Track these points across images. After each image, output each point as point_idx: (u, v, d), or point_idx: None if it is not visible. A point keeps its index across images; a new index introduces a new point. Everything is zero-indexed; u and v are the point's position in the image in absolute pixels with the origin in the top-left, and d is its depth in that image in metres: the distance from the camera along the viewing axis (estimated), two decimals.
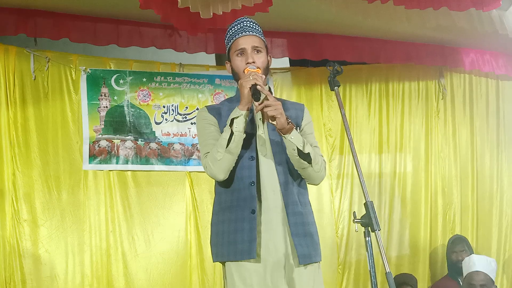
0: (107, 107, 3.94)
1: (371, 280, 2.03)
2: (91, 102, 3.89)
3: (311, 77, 4.56)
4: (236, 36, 2.31)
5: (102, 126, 3.91)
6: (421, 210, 4.76)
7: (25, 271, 3.59)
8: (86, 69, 3.89)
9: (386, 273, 1.95)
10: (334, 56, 4.26)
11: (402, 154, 4.77)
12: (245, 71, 2.24)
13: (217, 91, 4.22)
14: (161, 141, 4.04)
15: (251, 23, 2.35)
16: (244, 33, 2.31)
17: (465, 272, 3.98)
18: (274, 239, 2.23)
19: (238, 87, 2.31)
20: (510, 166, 5.20)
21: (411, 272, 4.60)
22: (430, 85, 4.94)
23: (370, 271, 2.02)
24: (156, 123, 4.05)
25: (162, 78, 4.10)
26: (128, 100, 4.00)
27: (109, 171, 3.90)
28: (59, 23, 3.67)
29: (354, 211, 2.08)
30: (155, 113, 4.06)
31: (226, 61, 2.41)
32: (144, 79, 4.05)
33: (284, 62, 4.89)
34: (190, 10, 2.99)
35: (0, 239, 3.56)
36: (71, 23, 3.71)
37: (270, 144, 2.29)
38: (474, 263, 3.93)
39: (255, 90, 2.12)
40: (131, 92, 4.01)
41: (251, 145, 2.27)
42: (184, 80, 4.15)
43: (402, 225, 4.70)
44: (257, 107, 2.14)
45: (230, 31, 2.35)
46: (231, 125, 2.17)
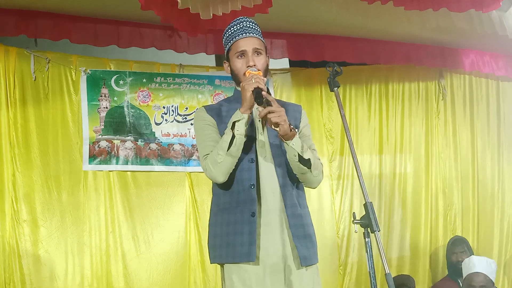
0: (107, 108, 3.94)
1: (371, 281, 2.03)
2: (91, 103, 3.89)
3: (311, 78, 4.55)
4: (236, 38, 2.28)
5: (102, 127, 3.91)
6: (422, 211, 4.76)
7: (25, 272, 3.59)
8: (86, 70, 3.89)
9: (386, 274, 1.95)
10: (334, 57, 4.26)
11: (403, 155, 4.76)
12: (247, 74, 2.21)
13: (217, 92, 4.23)
14: (161, 142, 4.04)
15: (251, 24, 2.32)
16: (245, 35, 2.28)
17: (465, 273, 3.99)
18: (274, 241, 2.22)
19: (240, 89, 2.31)
20: (511, 167, 5.20)
21: (412, 273, 4.60)
22: (430, 86, 4.94)
23: (370, 272, 2.02)
24: (156, 124, 4.05)
25: (162, 79, 4.10)
26: (128, 101, 4.00)
27: (109, 172, 3.89)
28: (60, 24, 3.67)
29: (354, 212, 2.08)
30: (155, 114, 4.06)
31: (225, 61, 2.39)
32: (144, 80, 4.05)
33: (284, 63, 4.89)
34: (190, 11, 2.99)
35: (0, 240, 3.55)
36: (72, 24, 3.71)
37: (270, 147, 2.28)
38: (474, 264, 3.94)
39: (258, 94, 2.10)
40: (131, 93, 4.01)
41: (251, 148, 2.25)
42: (184, 81, 4.15)
43: (403, 226, 4.69)
44: (261, 113, 2.12)
45: (229, 31, 2.32)
46: (233, 128, 2.15)
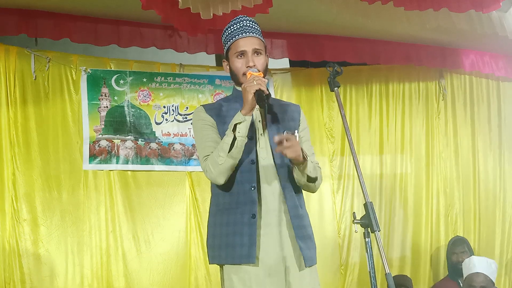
0: (108, 107, 3.94)
1: (371, 281, 2.04)
2: (92, 102, 3.89)
3: (311, 78, 4.55)
4: (236, 37, 2.27)
5: (103, 126, 3.91)
6: (422, 211, 4.76)
7: (25, 271, 3.59)
8: (87, 69, 3.89)
9: (386, 274, 1.95)
10: (334, 57, 4.25)
11: (403, 155, 4.76)
12: (248, 75, 2.19)
13: (217, 92, 4.23)
14: (162, 141, 4.04)
15: (251, 23, 2.30)
16: (244, 34, 2.26)
17: (465, 274, 3.98)
18: (273, 243, 2.22)
19: (239, 89, 2.30)
20: None
21: (413, 274, 4.61)
22: (431, 86, 4.94)
23: (370, 272, 2.03)
24: (157, 123, 4.05)
25: (163, 79, 4.10)
26: (129, 100, 4.00)
27: (109, 171, 3.89)
28: (60, 24, 3.67)
29: (354, 212, 2.08)
30: (155, 113, 4.06)
31: (224, 60, 2.37)
32: (145, 80, 4.05)
33: (284, 63, 4.89)
34: (191, 11, 2.99)
35: (0, 239, 3.55)
36: (72, 24, 3.71)
37: (271, 148, 2.26)
38: (474, 265, 3.93)
39: (260, 96, 2.09)
40: (132, 92, 4.01)
41: (251, 149, 2.24)
42: (185, 81, 4.15)
43: (403, 226, 4.69)
44: (276, 149, 2.10)
45: (229, 30, 2.30)
46: (234, 130, 2.13)
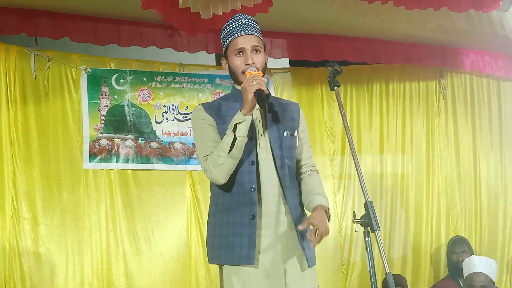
0: (108, 106, 3.93)
1: (371, 280, 2.04)
2: (92, 101, 3.89)
3: (311, 77, 4.55)
4: (235, 35, 2.26)
5: (103, 125, 3.91)
6: (423, 211, 4.76)
7: (25, 270, 3.59)
8: (87, 69, 3.89)
9: (386, 273, 1.96)
10: (334, 57, 4.25)
11: (404, 155, 4.76)
12: (247, 74, 2.18)
13: (218, 91, 4.23)
14: (162, 140, 4.04)
15: (250, 21, 2.29)
16: (243, 32, 2.26)
17: (466, 273, 3.98)
18: (273, 244, 2.21)
19: (238, 88, 2.31)
20: None
21: (413, 273, 4.64)
22: (431, 86, 4.94)
23: (370, 272, 2.03)
24: (157, 123, 4.05)
25: (163, 78, 4.10)
26: (129, 100, 4.00)
27: (110, 170, 3.89)
28: (60, 23, 3.67)
29: (354, 211, 2.08)
30: (156, 113, 4.06)
31: (222, 58, 2.36)
32: (145, 79, 4.05)
33: (284, 63, 4.89)
34: (191, 11, 2.99)
35: (0, 238, 3.55)
36: (72, 23, 3.71)
37: (271, 148, 2.26)
38: (475, 264, 3.94)
39: (260, 96, 2.08)
40: (132, 92, 4.01)
41: (252, 150, 2.23)
42: (185, 80, 4.15)
43: (404, 226, 4.69)
44: (313, 242, 2.07)
45: (228, 28, 2.29)
46: (234, 130, 2.12)
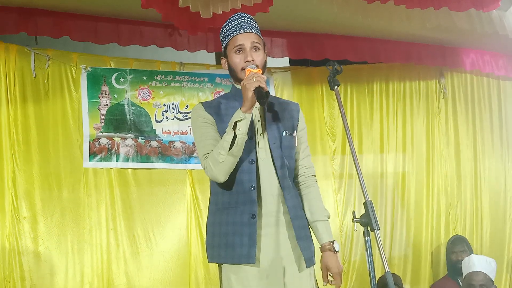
0: (108, 105, 3.93)
1: (371, 280, 2.04)
2: (92, 100, 3.89)
3: (312, 77, 4.55)
4: (234, 33, 2.26)
5: (103, 124, 3.91)
6: (423, 210, 4.77)
7: (25, 269, 3.59)
8: (87, 68, 3.89)
9: (386, 272, 1.96)
10: (335, 56, 4.25)
11: (404, 154, 4.77)
12: (247, 72, 2.18)
13: (218, 90, 4.23)
14: (162, 139, 4.04)
15: (249, 19, 2.29)
16: (243, 30, 2.25)
17: (465, 272, 3.99)
18: (272, 244, 2.21)
19: (237, 86, 2.30)
20: None
21: (414, 272, 4.65)
22: (431, 85, 4.95)
23: (369, 271, 2.03)
24: (157, 121, 4.05)
25: (163, 77, 4.10)
26: (129, 99, 4.00)
27: (110, 169, 3.89)
28: (60, 22, 3.67)
29: (354, 211, 2.09)
30: (156, 112, 4.06)
31: (222, 57, 2.35)
32: (145, 78, 4.05)
33: (284, 62, 4.89)
34: (191, 10, 2.99)
35: (0, 237, 3.55)
36: (72, 22, 3.71)
37: (270, 148, 2.26)
38: (474, 263, 3.94)
39: (260, 93, 2.08)
40: (132, 91, 4.01)
41: (251, 149, 2.23)
42: (185, 79, 4.15)
43: (405, 225, 4.70)
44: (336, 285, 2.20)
45: (227, 27, 2.29)
46: (234, 128, 2.12)
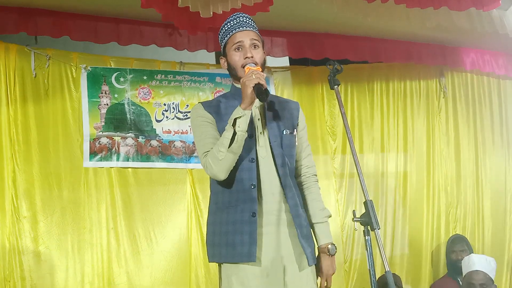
0: (108, 105, 3.93)
1: (371, 279, 2.04)
2: (92, 100, 3.89)
3: (312, 76, 4.56)
4: (233, 31, 2.27)
5: (103, 124, 3.91)
6: (424, 209, 4.77)
7: (25, 268, 3.59)
8: (87, 67, 3.89)
9: (386, 272, 1.96)
10: (335, 55, 4.25)
11: (404, 153, 4.77)
12: (246, 69, 2.18)
13: (218, 89, 4.23)
14: (162, 139, 4.04)
15: (247, 19, 2.31)
16: (241, 28, 2.27)
17: (465, 272, 3.99)
18: (272, 242, 2.21)
19: (237, 86, 2.31)
20: None
21: (414, 271, 4.65)
22: (431, 84, 4.95)
23: (370, 270, 2.03)
24: (157, 121, 4.05)
25: (163, 76, 4.10)
26: (129, 98, 4.00)
27: (110, 168, 3.89)
28: (60, 22, 3.67)
29: (354, 210, 2.08)
30: (156, 111, 4.06)
31: (221, 57, 2.36)
32: (145, 77, 4.05)
33: (284, 61, 4.89)
34: (190, 10, 2.99)
35: (0, 236, 3.55)
36: (72, 22, 3.71)
37: (270, 146, 2.26)
38: (474, 263, 3.94)
39: (259, 90, 2.09)
40: (132, 90, 4.01)
41: (251, 147, 2.23)
42: (185, 78, 4.15)
43: (405, 224, 4.70)
44: None
45: (226, 26, 2.31)
46: (234, 125, 2.12)
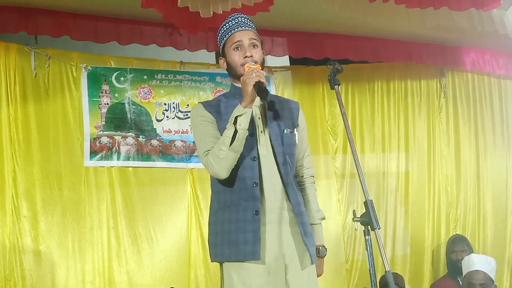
0: (108, 104, 3.93)
1: (371, 279, 2.04)
2: (92, 99, 3.89)
3: (312, 76, 4.56)
4: (232, 31, 2.28)
5: (103, 123, 3.91)
6: (425, 209, 4.77)
7: (25, 268, 3.59)
8: (87, 67, 3.89)
9: (386, 272, 1.96)
10: (335, 55, 4.25)
11: (405, 153, 4.77)
12: (246, 68, 2.19)
13: (218, 89, 4.23)
14: (162, 138, 4.04)
15: (246, 19, 2.32)
16: (240, 28, 2.27)
17: (465, 272, 3.98)
18: (275, 241, 2.21)
19: (237, 85, 2.31)
20: None
21: (415, 271, 4.64)
22: (432, 84, 4.95)
23: (370, 270, 2.03)
24: (157, 120, 4.05)
25: (163, 76, 4.10)
26: (129, 97, 4.00)
27: (110, 168, 3.90)
28: (60, 21, 3.67)
29: (354, 210, 2.08)
30: (156, 110, 4.06)
31: (220, 57, 2.36)
32: (145, 77, 4.05)
33: (285, 61, 4.89)
34: (190, 10, 2.99)
35: (0, 235, 3.55)
36: (72, 21, 3.71)
37: (271, 145, 2.26)
38: (474, 263, 3.94)
39: (260, 88, 2.09)
40: (132, 90, 4.01)
41: (252, 146, 2.23)
42: (185, 78, 4.16)
43: (406, 224, 4.70)
44: None
45: (224, 27, 2.31)
46: (235, 123, 2.12)
